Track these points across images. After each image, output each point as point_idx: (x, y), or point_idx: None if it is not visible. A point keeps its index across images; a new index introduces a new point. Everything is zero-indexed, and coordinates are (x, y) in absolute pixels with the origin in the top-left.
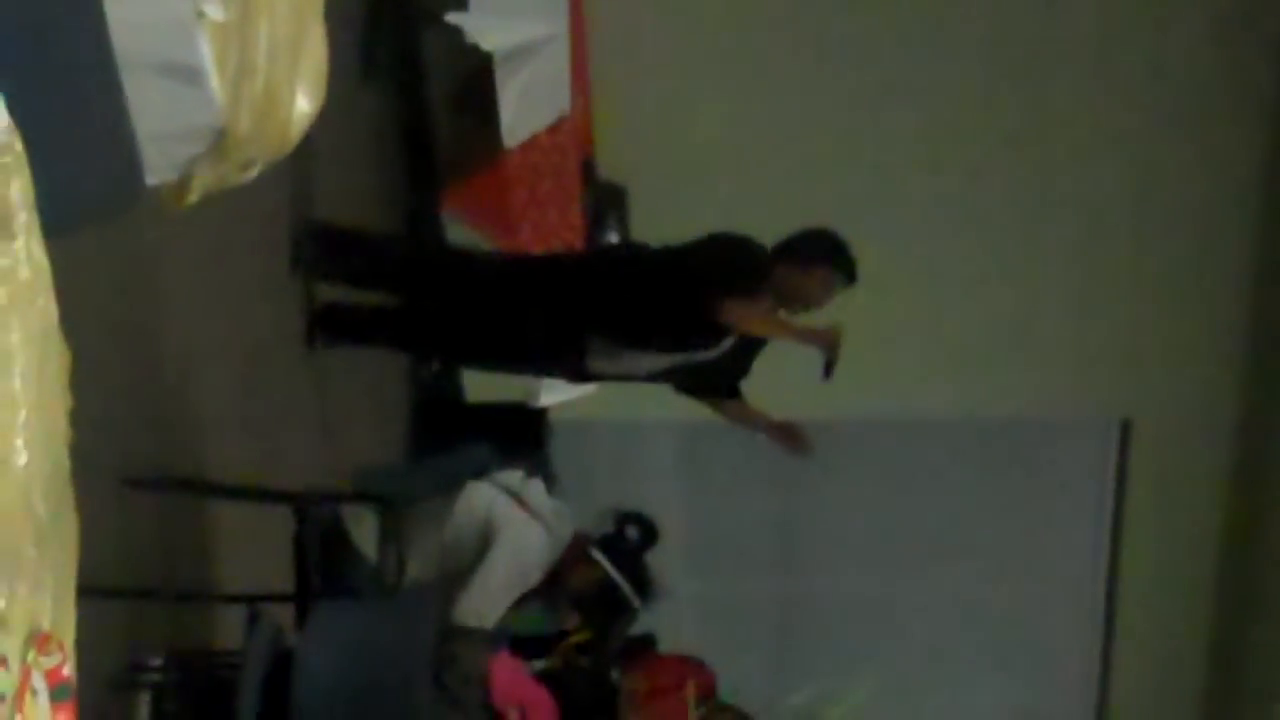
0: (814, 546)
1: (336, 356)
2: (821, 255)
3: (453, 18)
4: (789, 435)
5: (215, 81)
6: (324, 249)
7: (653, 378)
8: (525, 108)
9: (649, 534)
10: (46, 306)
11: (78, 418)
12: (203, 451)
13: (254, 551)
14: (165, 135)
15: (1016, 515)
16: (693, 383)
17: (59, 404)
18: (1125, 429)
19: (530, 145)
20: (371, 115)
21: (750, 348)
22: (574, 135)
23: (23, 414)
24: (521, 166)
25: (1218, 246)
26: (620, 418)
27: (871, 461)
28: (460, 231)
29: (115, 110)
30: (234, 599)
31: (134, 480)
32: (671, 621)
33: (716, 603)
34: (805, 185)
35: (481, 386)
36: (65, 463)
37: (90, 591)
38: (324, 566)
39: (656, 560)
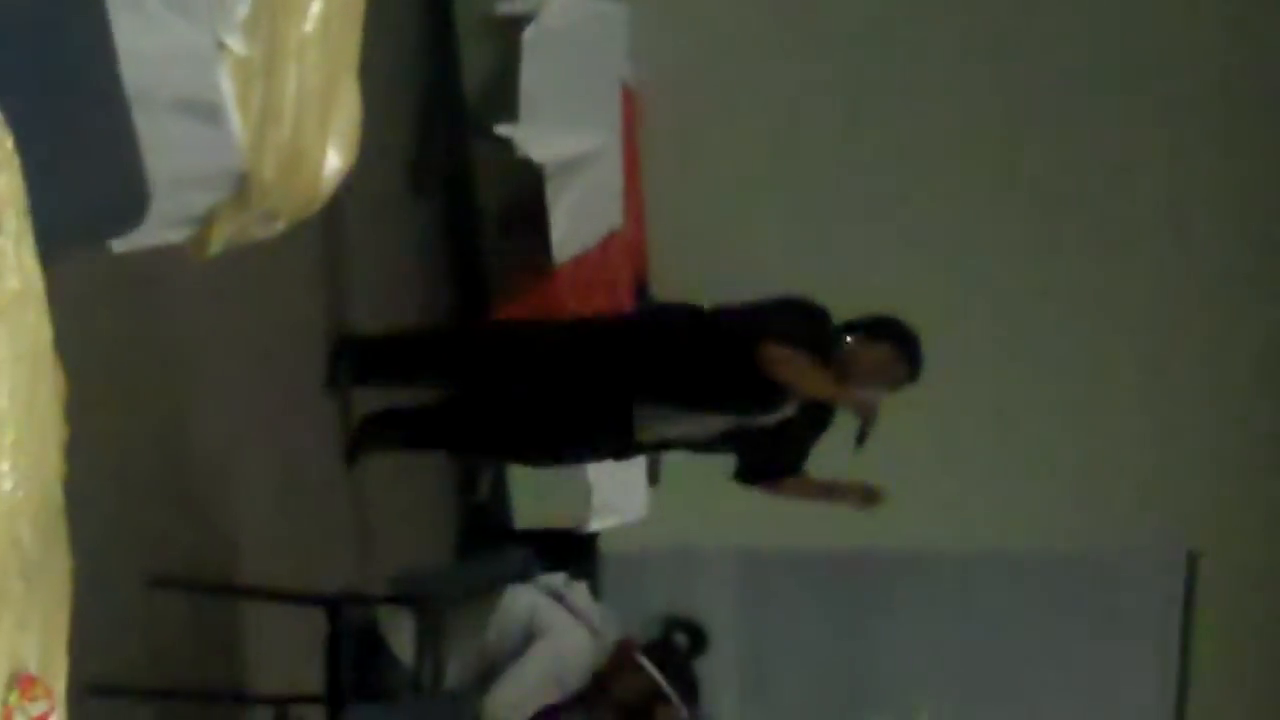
0: (872, 682)
1: (377, 474)
2: (889, 335)
3: (503, 129)
4: (860, 493)
5: (237, 121)
6: (359, 359)
7: (709, 446)
8: (576, 222)
9: (699, 641)
10: (39, 324)
11: (106, 511)
12: (235, 551)
13: (286, 655)
14: (184, 180)
15: (1079, 653)
16: (752, 457)
17: (52, 432)
18: (1192, 562)
19: (581, 261)
20: (420, 227)
21: (815, 421)
22: (626, 252)
23: (10, 435)
24: (572, 283)
25: None
26: (675, 544)
27: (931, 595)
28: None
29: (119, 124)
30: (263, 700)
31: (162, 579)
32: None
33: None
34: (863, 300)
35: (530, 512)
36: (58, 497)
37: (117, 691)
38: (358, 670)
39: (707, 675)
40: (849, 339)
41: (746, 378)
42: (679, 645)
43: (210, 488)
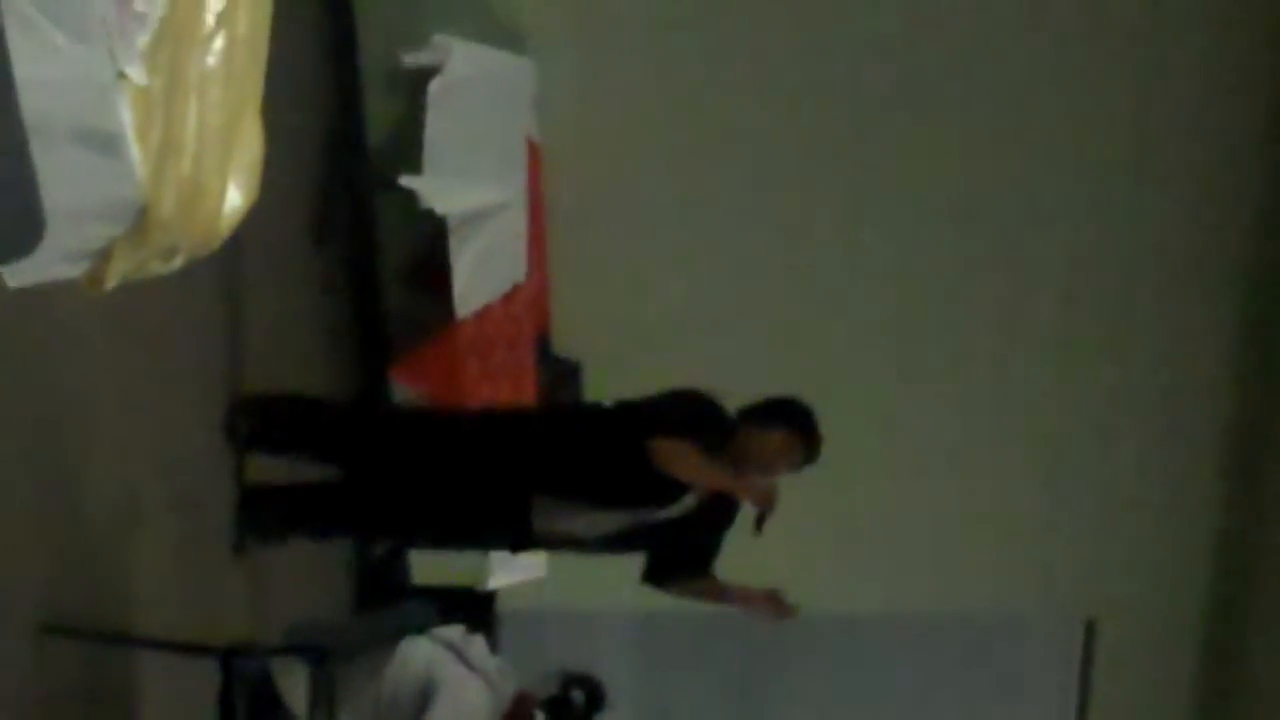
0: None
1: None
2: (784, 420)
3: (407, 181)
4: (771, 603)
5: (136, 153)
6: (257, 419)
7: (608, 543)
8: (479, 275)
9: (596, 698)
10: None
11: None
12: (129, 601)
13: (180, 707)
14: (82, 212)
15: (978, 716)
16: (656, 556)
17: None
18: (1090, 629)
19: (484, 315)
20: (321, 280)
21: (718, 514)
22: (529, 306)
23: None
24: (474, 337)
25: (1186, 446)
26: (572, 605)
27: (826, 658)
28: (409, 403)
29: (14, 151)
30: None
31: (53, 628)
32: None
33: None
34: (765, 370)
35: (429, 569)
36: None
37: None
38: None
39: None
40: (745, 426)
41: (642, 473)
42: (576, 702)
43: (104, 536)
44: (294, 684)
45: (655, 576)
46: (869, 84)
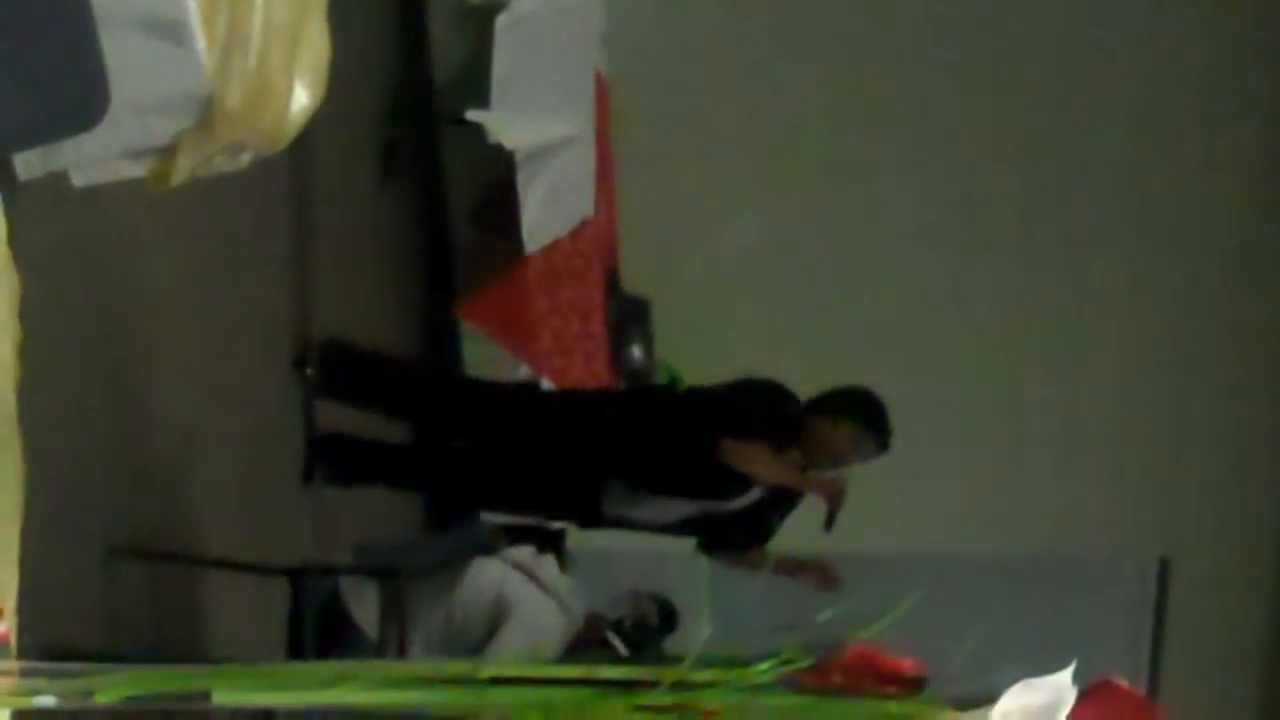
0: None
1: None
2: (855, 414)
3: (474, 115)
4: (820, 575)
5: (201, 43)
6: (336, 368)
7: (674, 528)
8: (547, 210)
9: (669, 619)
10: None
11: (66, 479)
12: (197, 523)
13: (248, 625)
14: (147, 104)
15: (1049, 654)
16: (715, 540)
17: (5, 333)
18: (1164, 567)
19: (552, 250)
20: (389, 217)
21: (781, 505)
22: (597, 242)
23: None
24: (542, 272)
25: (1259, 381)
26: (641, 542)
27: (899, 597)
28: (477, 343)
29: (81, 24)
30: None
31: (122, 549)
32: None
33: None
34: (832, 308)
35: None
36: (10, 400)
37: (72, 655)
38: (321, 644)
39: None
40: (815, 419)
41: (712, 468)
42: (649, 619)
43: (173, 460)
44: (364, 603)
45: (711, 548)
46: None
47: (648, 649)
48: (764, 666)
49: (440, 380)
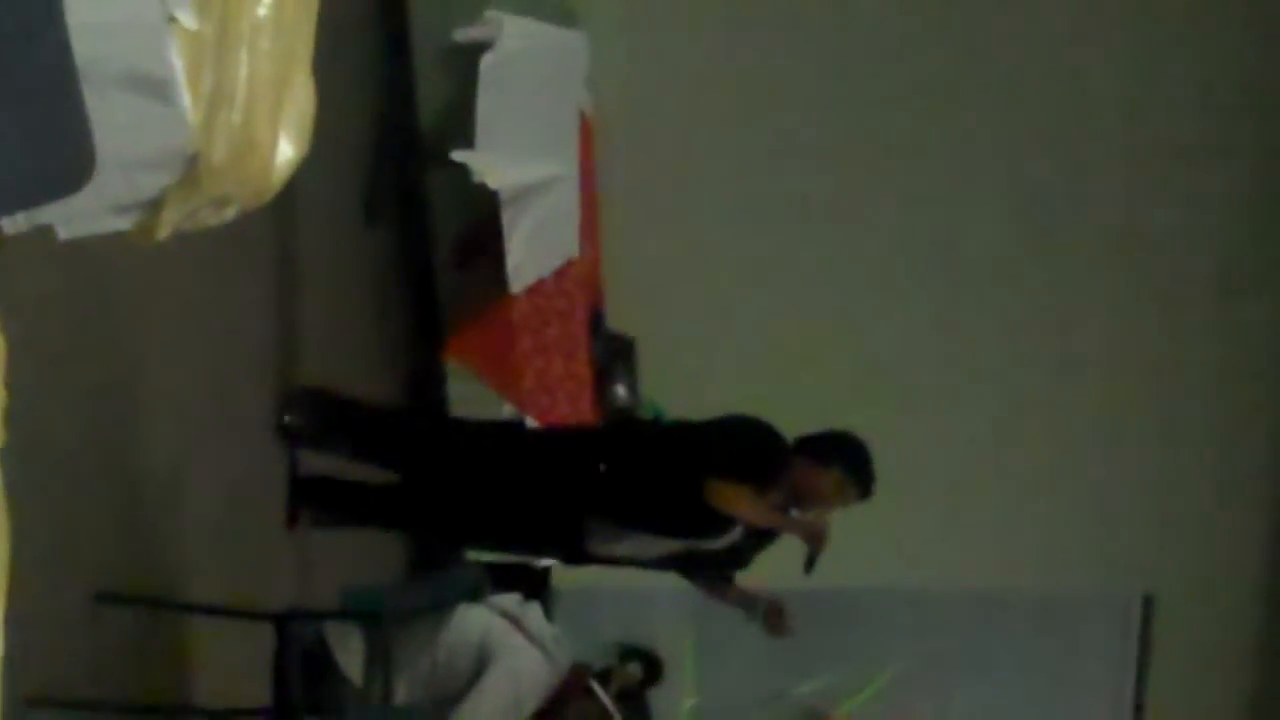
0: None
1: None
2: (841, 459)
3: (459, 155)
4: (773, 617)
5: (187, 99)
6: (316, 418)
7: (658, 564)
8: (532, 250)
9: (653, 671)
10: None
11: (52, 525)
12: (182, 568)
13: (233, 671)
14: (133, 160)
15: (1034, 691)
16: (695, 570)
17: None
18: (1148, 604)
19: (536, 290)
20: (373, 258)
21: (760, 540)
22: (582, 282)
23: None
24: (527, 312)
25: (1241, 417)
26: (627, 582)
27: (888, 634)
28: (463, 382)
29: (65, 89)
30: (208, 714)
31: (108, 594)
32: None
33: None
34: (818, 347)
35: None
36: None
37: (58, 703)
38: (306, 686)
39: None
40: (801, 462)
41: (696, 508)
42: (633, 674)
43: (158, 504)
44: (349, 648)
45: (692, 578)
46: (929, 62)
47: (636, 714)
48: None
49: (422, 420)
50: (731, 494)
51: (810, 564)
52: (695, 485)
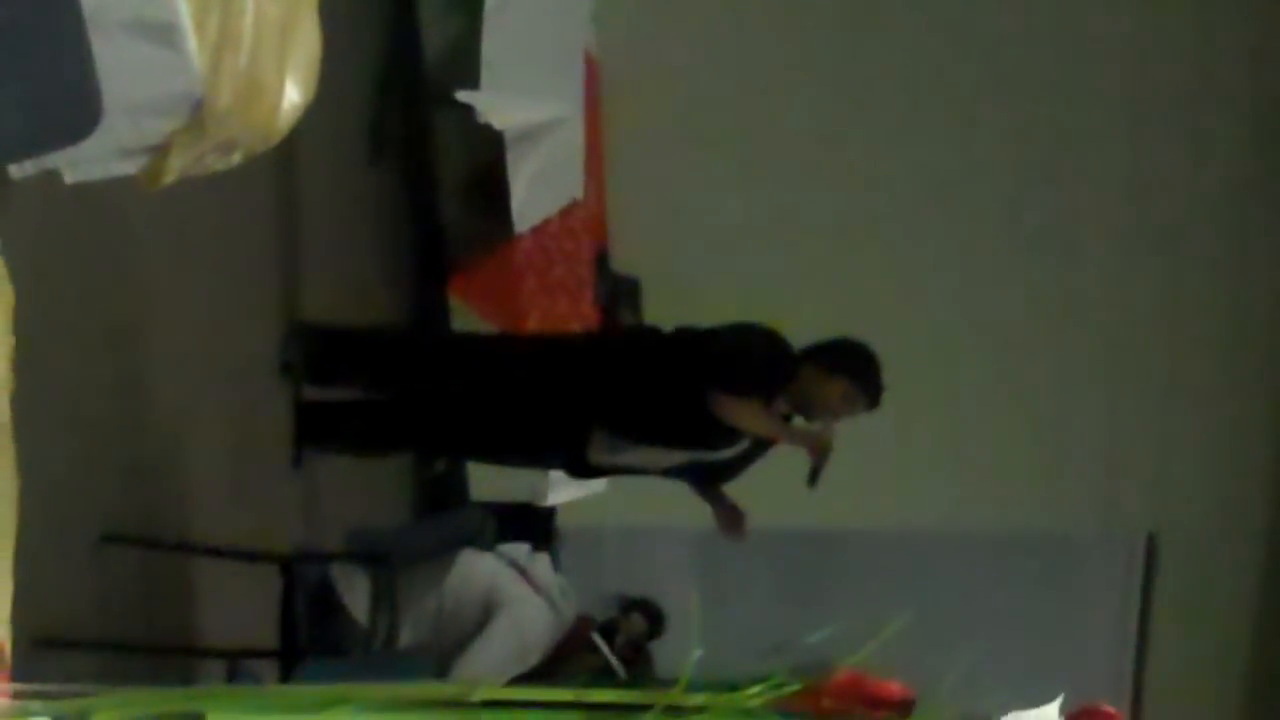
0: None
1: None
2: (849, 367)
3: (464, 95)
4: (733, 518)
5: (193, 44)
6: (317, 350)
7: (663, 473)
8: (537, 190)
9: (656, 623)
10: None
11: (59, 467)
12: (189, 510)
13: (239, 611)
14: (139, 105)
15: (1037, 631)
16: (699, 479)
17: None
18: (1151, 544)
19: (541, 230)
20: (378, 199)
21: (760, 450)
22: (586, 222)
23: None
24: (532, 252)
25: (1244, 358)
26: (629, 523)
27: (887, 573)
28: (467, 320)
29: (73, 35)
30: (215, 654)
31: (115, 536)
32: None
33: None
34: (822, 287)
35: (487, 485)
36: (5, 411)
37: (65, 643)
38: (312, 628)
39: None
40: (808, 369)
41: (702, 419)
42: (636, 626)
43: (164, 447)
44: (355, 590)
45: (690, 479)
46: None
47: (639, 665)
48: (754, 691)
49: (422, 337)
50: (739, 407)
51: (814, 476)
52: (702, 397)
